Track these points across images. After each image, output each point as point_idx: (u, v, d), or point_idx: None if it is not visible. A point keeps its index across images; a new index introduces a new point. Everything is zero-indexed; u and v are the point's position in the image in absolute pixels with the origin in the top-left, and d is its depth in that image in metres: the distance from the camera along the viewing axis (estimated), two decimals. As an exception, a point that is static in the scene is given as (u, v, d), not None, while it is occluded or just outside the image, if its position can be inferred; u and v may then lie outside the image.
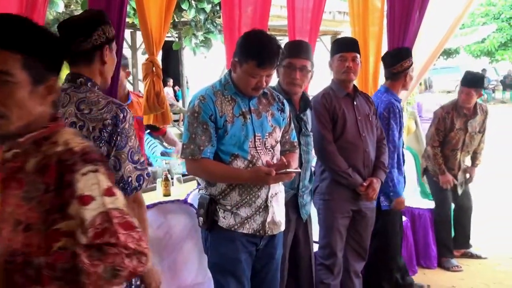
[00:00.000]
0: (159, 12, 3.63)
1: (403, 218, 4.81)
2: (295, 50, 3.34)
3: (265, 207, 2.85)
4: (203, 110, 2.76)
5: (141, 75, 4.16)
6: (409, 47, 5.26)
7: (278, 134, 2.94)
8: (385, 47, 5.35)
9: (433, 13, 5.36)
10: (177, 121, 15.16)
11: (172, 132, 5.62)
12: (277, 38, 2.90)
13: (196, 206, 3.10)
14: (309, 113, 3.52)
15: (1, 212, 1.57)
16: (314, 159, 3.85)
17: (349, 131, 3.77)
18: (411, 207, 5.31)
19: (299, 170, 2.79)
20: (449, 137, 5.34)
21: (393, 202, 4.25)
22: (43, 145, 1.57)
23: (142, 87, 4.39)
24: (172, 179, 4.46)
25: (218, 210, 2.82)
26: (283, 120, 2.98)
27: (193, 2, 7.82)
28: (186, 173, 4.54)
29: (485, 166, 6.02)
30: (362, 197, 3.81)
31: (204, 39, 8.66)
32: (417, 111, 8.38)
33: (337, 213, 3.79)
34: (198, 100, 2.80)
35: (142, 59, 5.25)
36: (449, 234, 5.45)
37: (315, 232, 3.82)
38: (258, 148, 2.82)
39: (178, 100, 16.92)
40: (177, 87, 17.92)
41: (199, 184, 3.52)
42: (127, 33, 9.31)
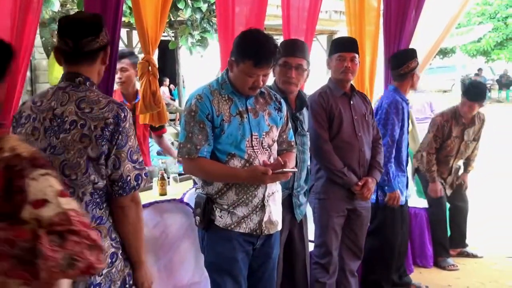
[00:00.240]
0: (155, 11, 3.62)
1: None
2: (291, 49, 3.34)
3: (262, 207, 2.85)
4: (200, 109, 2.76)
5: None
6: (406, 47, 5.28)
7: (275, 133, 2.93)
8: (381, 46, 5.36)
9: (429, 12, 5.37)
10: (173, 120, 15.14)
11: (168, 130, 5.61)
12: (274, 37, 2.90)
13: (192, 205, 3.09)
14: (305, 112, 3.52)
15: None
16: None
17: (345, 131, 3.77)
18: (413, 207, 5.31)
19: (296, 169, 2.79)
20: (445, 144, 5.38)
21: (387, 196, 4.28)
22: None
23: (138, 86, 4.39)
24: (168, 178, 4.45)
25: (214, 209, 2.82)
26: (280, 119, 2.98)
27: (189, 1, 7.81)
28: (182, 173, 4.54)
29: (482, 166, 6.03)
30: (357, 196, 3.81)
31: (200, 38, 8.66)
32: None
33: (332, 212, 3.79)
34: (195, 99, 2.79)
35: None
36: (445, 233, 5.46)
37: (311, 231, 3.82)
38: (255, 147, 2.82)
39: (174, 99, 16.91)
40: (172, 86, 17.91)
41: (195, 183, 3.52)
42: (123, 32, 9.29)
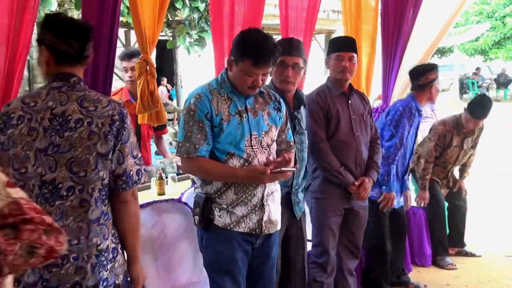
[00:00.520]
0: (153, 10, 3.62)
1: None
2: (287, 47, 3.32)
3: (261, 206, 2.84)
4: (199, 108, 2.76)
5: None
6: (404, 46, 5.28)
7: (274, 133, 2.93)
8: (379, 46, 5.36)
9: (426, 11, 5.36)
10: (171, 120, 15.14)
11: (168, 131, 5.59)
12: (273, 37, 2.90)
13: (190, 205, 3.09)
14: (303, 111, 3.51)
15: None
16: None
17: (343, 130, 3.77)
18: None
19: (295, 168, 2.78)
20: (445, 152, 5.41)
21: (382, 195, 4.29)
22: None
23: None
24: (166, 178, 4.45)
25: (213, 209, 2.81)
26: (280, 119, 2.98)
27: (187, 1, 7.80)
28: (180, 172, 4.53)
29: (480, 165, 6.04)
30: (353, 196, 3.81)
31: (198, 38, 8.65)
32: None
33: (329, 212, 3.79)
34: (194, 98, 2.79)
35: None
36: (444, 231, 5.46)
37: (308, 230, 3.82)
38: (254, 147, 2.82)
39: (172, 99, 16.90)
40: (169, 86, 17.90)
41: (193, 183, 3.52)
42: (121, 32, 9.27)
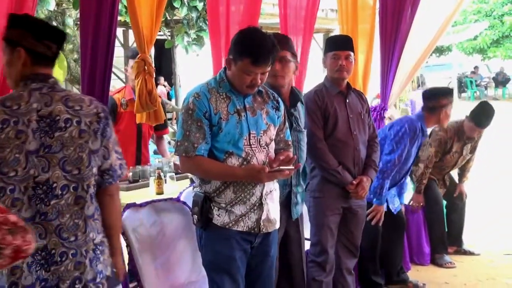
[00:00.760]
0: (150, 10, 3.62)
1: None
2: None
3: (260, 205, 2.84)
4: (197, 107, 2.76)
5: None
6: (402, 45, 5.28)
7: (272, 132, 2.93)
8: (376, 44, 5.37)
9: (425, 10, 5.37)
10: (170, 119, 15.14)
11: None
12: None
13: (189, 204, 3.09)
14: (301, 108, 3.51)
15: None
16: None
17: (340, 129, 3.77)
18: (404, 204, 5.32)
19: (293, 167, 2.78)
20: (444, 158, 5.41)
21: (373, 206, 4.30)
22: None
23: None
24: (165, 177, 4.45)
25: (212, 208, 2.81)
26: (278, 118, 2.98)
27: (185, 0, 7.79)
28: (177, 171, 4.54)
29: (479, 164, 6.05)
30: (351, 195, 3.81)
31: (196, 37, 8.64)
32: (411, 108, 8.42)
33: (327, 211, 3.79)
34: (192, 97, 2.79)
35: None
36: (443, 230, 5.46)
37: (307, 229, 3.82)
38: (252, 145, 2.82)
39: (170, 99, 16.89)
40: (168, 87, 17.89)
41: (192, 182, 3.52)
42: (119, 31, 9.26)
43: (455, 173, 5.76)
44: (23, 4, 2.91)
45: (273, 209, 2.92)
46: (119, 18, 4.58)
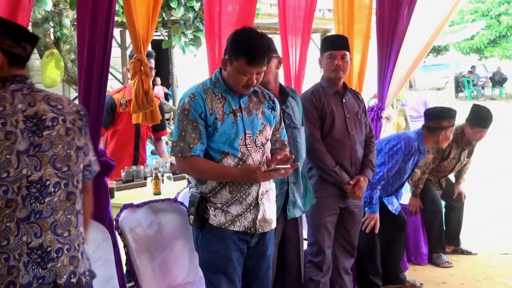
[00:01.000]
0: (146, 10, 3.62)
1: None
2: None
3: (256, 205, 2.84)
4: (193, 107, 2.76)
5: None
6: (399, 45, 5.28)
7: (268, 132, 2.93)
8: (372, 44, 5.37)
9: (421, 10, 5.37)
10: (167, 119, 15.12)
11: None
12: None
13: (186, 204, 3.09)
14: (295, 106, 3.47)
15: None
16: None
17: (337, 129, 3.77)
18: (402, 204, 5.33)
19: (289, 166, 2.78)
20: (442, 164, 5.40)
21: (366, 215, 4.30)
22: None
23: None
24: (162, 177, 4.45)
25: (208, 208, 2.81)
26: (274, 118, 2.98)
27: (182, 0, 7.78)
28: (174, 172, 4.53)
29: (477, 164, 6.06)
30: (348, 195, 3.81)
31: (193, 37, 8.63)
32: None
33: (325, 211, 3.79)
34: (188, 97, 2.80)
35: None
36: (442, 229, 5.46)
37: (305, 229, 3.82)
38: (248, 145, 2.82)
39: (168, 100, 16.87)
40: (165, 89, 17.87)
41: (189, 182, 3.51)
42: (117, 31, 9.25)
43: (451, 174, 5.76)
44: (19, 4, 2.91)
45: (269, 209, 2.92)
46: (116, 18, 4.58)
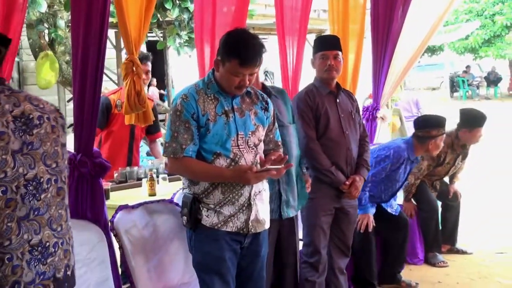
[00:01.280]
0: (139, 11, 3.61)
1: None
2: None
3: (248, 205, 2.85)
4: (185, 108, 2.77)
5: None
6: (394, 45, 5.30)
7: (261, 133, 2.94)
8: (366, 44, 5.38)
9: (416, 10, 5.39)
10: (163, 121, 15.09)
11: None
12: (262, 37, 2.90)
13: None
14: (280, 103, 3.43)
15: None
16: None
17: (332, 129, 3.77)
18: (399, 204, 5.34)
19: (280, 166, 2.78)
20: (436, 169, 5.41)
21: (358, 216, 4.31)
22: None
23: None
24: (157, 178, 4.45)
25: (201, 209, 2.82)
26: (267, 119, 2.98)
27: (177, 1, 7.76)
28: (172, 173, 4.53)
29: (473, 163, 6.07)
30: (344, 195, 3.82)
31: (188, 38, 8.60)
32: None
33: (320, 211, 3.80)
34: (180, 98, 2.81)
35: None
36: (438, 229, 5.46)
37: (300, 230, 3.82)
38: (240, 146, 2.83)
39: (164, 101, 16.85)
40: (161, 90, 17.86)
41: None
42: (112, 33, 9.23)
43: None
44: (13, 5, 2.90)
45: (262, 210, 2.92)
46: (111, 19, 4.57)
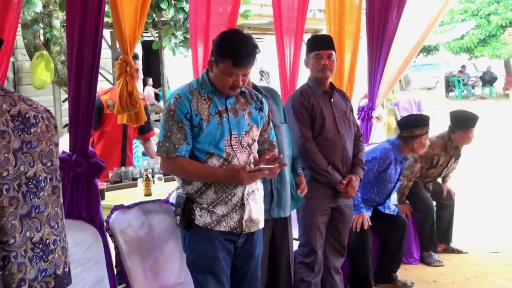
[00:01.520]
0: (134, 11, 3.61)
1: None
2: None
3: (242, 205, 2.85)
4: (178, 108, 2.78)
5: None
6: (389, 45, 5.30)
7: (255, 133, 2.94)
8: (362, 44, 5.39)
9: (411, 10, 5.40)
10: (158, 121, 15.09)
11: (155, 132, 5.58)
12: (258, 37, 2.90)
13: (176, 206, 3.09)
14: (271, 103, 3.40)
15: None
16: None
17: (328, 129, 3.78)
18: (395, 204, 5.35)
19: (272, 166, 2.78)
20: (429, 171, 5.42)
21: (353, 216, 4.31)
22: None
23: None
24: (153, 178, 4.45)
25: (194, 208, 2.83)
26: (261, 119, 2.99)
27: (172, 1, 7.75)
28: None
29: (469, 163, 6.08)
30: (341, 194, 3.82)
31: (183, 38, 8.59)
32: (397, 108, 8.43)
33: (317, 211, 3.80)
34: (174, 98, 2.82)
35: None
36: (433, 228, 5.47)
37: (295, 230, 3.82)
38: (234, 146, 2.83)
39: (159, 100, 16.85)
40: (156, 90, 17.84)
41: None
42: (107, 33, 9.22)
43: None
44: (8, 5, 2.90)
45: (255, 209, 2.93)
46: (107, 19, 4.56)
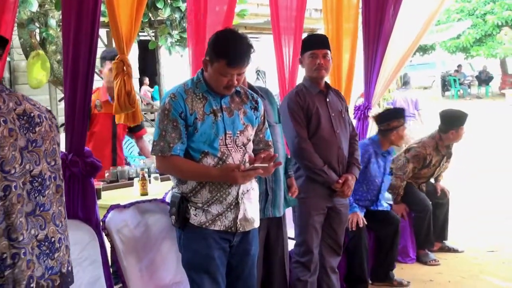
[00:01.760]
0: (130, 10, 3.60)
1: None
2: None
3: (236, 204, 2.86)
4: (173, 107, 2.79)
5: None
6: (385, 44, 5.30)
7: (250, 132, 2.94)
8: (360, 44, 5.39)
9: (408, 9, 5.40)
10: (153, 120, 15.10)
11: (149, 131, 5.57)
12: (254, 36, 2.90)
13: (173, 205, 3.09)
14: (266, 103, 3.41)
15: None
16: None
17: (324, 128, 3.78)
18: (389, 203, 5.35)
19: (266, 165, 2.78)
20: (422, 171, 5.44)
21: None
22: None
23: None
24: (149, 177, 4.45)
25: (189, 207, 2.83)
26: (256, 118, 2.99)
27: (168, 0, 7.75)
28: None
29: (463, 162, 6.09)
30: (337, 194, 3.82)
31: (179, 38, 8.58)
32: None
33: (313, 211, 3.80)
34: (169, 97, 2.82)
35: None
36: (430, 226, 5.47)
37: (291, 229, 3.82)
38: (228, 145, 2.83)
39: (154, 100, 16.86)
40: (150, 89, 17.86)
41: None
42: (103, 32, 9.21)
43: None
44: (4, 5, 2.89)
45: (250, 209, 2.93)
46: (103, 19, 4.55)
